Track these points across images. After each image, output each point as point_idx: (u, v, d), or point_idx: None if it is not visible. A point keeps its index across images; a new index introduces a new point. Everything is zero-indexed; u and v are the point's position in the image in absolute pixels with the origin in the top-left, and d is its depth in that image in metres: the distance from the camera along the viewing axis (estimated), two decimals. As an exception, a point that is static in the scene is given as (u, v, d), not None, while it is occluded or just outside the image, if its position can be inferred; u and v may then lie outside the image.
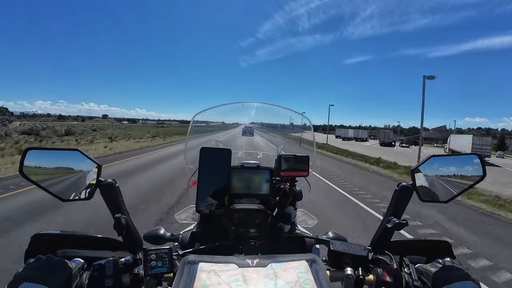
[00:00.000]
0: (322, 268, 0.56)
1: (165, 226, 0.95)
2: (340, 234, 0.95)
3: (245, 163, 0.96)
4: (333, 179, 10.03)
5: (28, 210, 4.80)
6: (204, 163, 0.83)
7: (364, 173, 13.06)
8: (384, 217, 0.74)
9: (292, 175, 0.86)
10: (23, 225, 4.16)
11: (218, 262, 0.56)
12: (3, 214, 4.59)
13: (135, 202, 5.31)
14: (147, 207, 5.19)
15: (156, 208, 5.17)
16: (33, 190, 5.66)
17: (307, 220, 1.22)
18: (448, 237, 4.69)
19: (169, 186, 6.86)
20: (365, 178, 11.44)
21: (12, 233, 3.81)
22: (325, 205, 6.26)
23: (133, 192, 6.13)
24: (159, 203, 5.52)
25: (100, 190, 0.66)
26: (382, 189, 8.68)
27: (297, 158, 0.85)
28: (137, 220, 0.90)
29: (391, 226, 0.70)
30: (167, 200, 5.71)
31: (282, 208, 0.90)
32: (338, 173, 11.96)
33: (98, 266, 0.66)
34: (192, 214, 1.23)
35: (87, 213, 4.46)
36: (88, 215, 4.41)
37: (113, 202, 0.67)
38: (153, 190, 6.53)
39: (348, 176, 11.34)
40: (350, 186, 8.87)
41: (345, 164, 16.79)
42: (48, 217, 4.53)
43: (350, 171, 13.15)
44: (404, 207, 0.73)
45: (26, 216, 4.51)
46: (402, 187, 0.72)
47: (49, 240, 0.73)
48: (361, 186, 8.98)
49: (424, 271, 0.65)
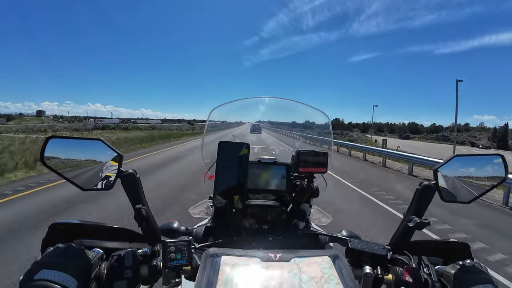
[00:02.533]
0: (346, 264, 0.55)
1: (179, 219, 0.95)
2: (355, 233, 0.95)
3: (261, 158, 0.95)
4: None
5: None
6: (222, 157, 0.83)
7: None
8: (405, 216, 0.73)
9: (310, 171, 0.85)
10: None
11: (241, 256, 0.55)
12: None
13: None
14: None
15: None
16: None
17: (320, 218, 1.21)
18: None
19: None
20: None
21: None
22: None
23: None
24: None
25: (121, 180, 0.66)
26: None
27: (316, 154, 0.85)
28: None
29: (412, 225, 0.69)
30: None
31: (297, 205, 0.90)
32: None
33: (117, 256, 0.66)
34: (206, 209, 1.23)
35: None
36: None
37: (134, 193, 0.67)
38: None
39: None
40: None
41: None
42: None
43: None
44: (425, 206, 0.71)
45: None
46: (425, 186, 0.71)
47: (67, 229, 0.73)
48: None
49: (443, 272, 0.64)
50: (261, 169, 0.91)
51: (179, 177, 7.38)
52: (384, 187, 7.60)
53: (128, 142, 17.22)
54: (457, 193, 0.73)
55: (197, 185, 6.10)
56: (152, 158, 11.55)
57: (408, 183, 8.37)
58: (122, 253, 0.67)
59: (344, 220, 4.78)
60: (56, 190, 5.90)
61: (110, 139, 12.34)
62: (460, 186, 0.73)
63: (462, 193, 0.73)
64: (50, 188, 6.08)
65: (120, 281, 0.59)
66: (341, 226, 4.52)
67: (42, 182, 6.51)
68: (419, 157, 10.98)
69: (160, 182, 6.78)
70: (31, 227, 3.87)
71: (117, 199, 4.93)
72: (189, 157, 11.60)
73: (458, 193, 0.73)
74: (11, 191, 5.78)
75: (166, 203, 5.08)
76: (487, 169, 0.74)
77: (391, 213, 5.44)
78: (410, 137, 75.26)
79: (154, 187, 6.16)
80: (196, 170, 7.91)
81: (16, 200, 5.22)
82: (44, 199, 5.24)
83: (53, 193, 5.64)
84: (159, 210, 4.62)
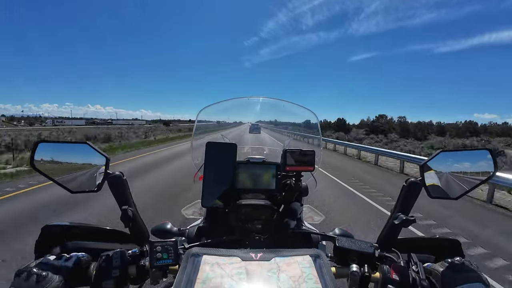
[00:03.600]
0: (326, 263, 0.55)
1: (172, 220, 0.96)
2: (347, 231, 0.94)
3: (250, 158, 0.96)
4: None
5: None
6: (210, 158, 0.84)
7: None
8: (392, 214, 0.73)
9: (297, 170, 0.85)
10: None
11: (222, 255, 0.56)
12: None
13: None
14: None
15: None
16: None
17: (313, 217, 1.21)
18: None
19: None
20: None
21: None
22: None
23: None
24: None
25: (108, 182, 0.68)
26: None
27: (302, 152, 0.85)
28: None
29: (398, 222, 0.69)
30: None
31: (288, 204, 0.90)
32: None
33: (105, 256, 0.67)
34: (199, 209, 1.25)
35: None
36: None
37: (121, 194, 0.68)
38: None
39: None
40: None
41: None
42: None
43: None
44: (412, 203, 0.71)
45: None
46: (411, 182, 0.71)
47: (59, 231, 0.76)
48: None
49: (432, 270, 0.64)
50: (250, 168, 0.91)
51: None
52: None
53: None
54: (445, 189, 0.73)
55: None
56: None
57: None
58: (111, 253, 0.68)
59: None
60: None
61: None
62: (447, 182, 0.73)
63: (450, 189, 0.73)
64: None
65: (108, 281, 0.61)
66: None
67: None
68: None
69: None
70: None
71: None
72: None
73: (446, 189, 0.73)
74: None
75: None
76: (475, 164, 0.73)
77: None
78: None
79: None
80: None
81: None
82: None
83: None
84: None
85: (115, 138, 22.22)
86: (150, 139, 24.43)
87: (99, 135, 22.07)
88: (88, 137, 21.43)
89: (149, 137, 25.73)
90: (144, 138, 24.65)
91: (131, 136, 24.88)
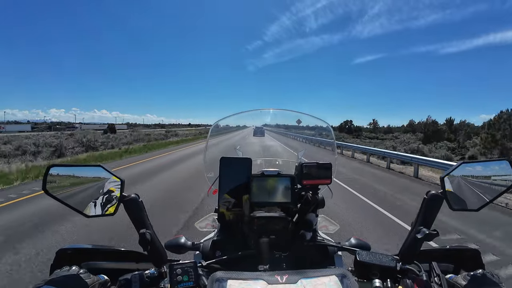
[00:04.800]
0: (354, 283, 0.54)
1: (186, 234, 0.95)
2: (363, 241, 0.94)
3: (265, 170, 0.94)
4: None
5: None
6: (224, 173, 0.83)
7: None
8: (413, 227, 0.72)
9: (314, 184, 0.84)
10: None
11: (247, 279, 0.55)
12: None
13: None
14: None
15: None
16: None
17: (328, 226, 1.20)
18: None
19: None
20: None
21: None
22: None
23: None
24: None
25: (124, 205, 0.66)
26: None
27: (319, 166, 0.83)
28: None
29: (421, 236, 0.68)
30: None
31: (303, 215, 0.89)
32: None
33: (124, 281, 0.66)
34: (212, 222, 1.23)
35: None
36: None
37: (137, 217, 0.67)
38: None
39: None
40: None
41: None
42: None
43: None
44: (434, 216, 0.70)
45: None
46: (432, 195, 0.70)
47: (74, 254, 0.74)
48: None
49: (455, 284, 0.63)
50: (265, 181, 0.90)
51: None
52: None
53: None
54: (466, 200, 0.72)
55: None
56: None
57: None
58: (129, 277, 0.67)
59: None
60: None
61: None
62: (468, 194, 0.72)
63: (471, 201, 0.72)
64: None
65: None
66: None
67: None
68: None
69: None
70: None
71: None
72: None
73: (467, 201, 0.72)
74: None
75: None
76: (495, 175, 0.72)
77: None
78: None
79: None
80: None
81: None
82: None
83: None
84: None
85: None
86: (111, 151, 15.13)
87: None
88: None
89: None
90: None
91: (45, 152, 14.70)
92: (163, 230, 3.72)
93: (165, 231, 3.76)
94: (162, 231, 3.59)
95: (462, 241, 3.94)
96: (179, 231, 3.61)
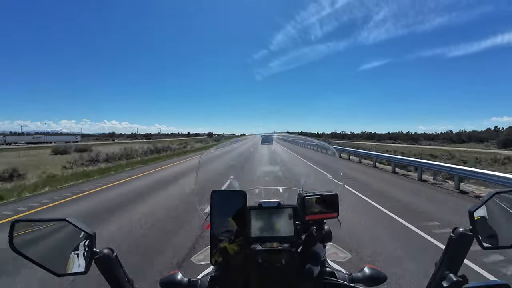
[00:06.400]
0: None
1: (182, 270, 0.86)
2: (379, 270, 0.83)
3: (263, 202, 0.85)
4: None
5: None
6: (216, 207, 0.74)
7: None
8: (437, 269, 0.61)
9: (319, 218, 0.74)
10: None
11: None
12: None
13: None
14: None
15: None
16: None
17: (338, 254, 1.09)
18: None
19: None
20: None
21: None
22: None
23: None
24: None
25: (95, 263, 0.57)
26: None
27: (323, 198, 0.74)
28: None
29: (447, 285, 0.57)
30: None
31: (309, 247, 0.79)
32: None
33: None
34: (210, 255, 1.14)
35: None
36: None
37: (112, 275, 0.58)
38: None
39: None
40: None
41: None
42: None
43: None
44: (462, 258, 0.59)
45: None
46: (460, 234, 0.59)
47: None
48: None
49: None
50: (263, 214, 0.81)
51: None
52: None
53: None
54: (498, 236, 0.61)
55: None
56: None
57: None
58: None
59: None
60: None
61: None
62: (501, 228, 0.61)
63: (504, 236, 0.61)
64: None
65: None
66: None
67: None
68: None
69: None
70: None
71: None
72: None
73: (499, 237, 0.61)
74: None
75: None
76: None
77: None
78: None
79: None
80: None
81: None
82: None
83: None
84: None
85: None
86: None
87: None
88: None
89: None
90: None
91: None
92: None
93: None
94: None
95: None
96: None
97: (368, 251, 3.66)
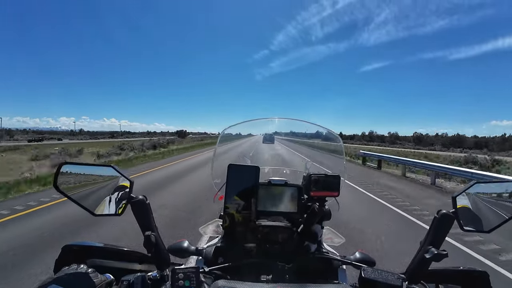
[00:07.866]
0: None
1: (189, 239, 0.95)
2: (369, 255, 0.92)
3: (272, 179, 0.94)
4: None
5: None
6: (231, 180, 0.83)
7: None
8: (422, 246, 0.70)
9: (322, 195, 0.83)
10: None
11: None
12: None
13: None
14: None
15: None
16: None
17: (333, 238, 1.18)
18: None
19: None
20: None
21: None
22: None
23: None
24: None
25: (131, 206, 0.66)
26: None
27: (327, 177, 0.82)
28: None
29: (429, 257, 0.66)
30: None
31: (309, 226, 0.88)
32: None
33: (126, 282, 0.66)
34: (216, 227, 1.23)
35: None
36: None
37: (144, 219, 0.67)
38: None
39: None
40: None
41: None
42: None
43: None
44: (444, 236, 0.68)
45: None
46: (443, 214, 0.68)
47: (80, 251, 0.75)
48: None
49: None
50: (271, 190, 0.89)
51: None
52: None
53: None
54: (477, 221, 0.70)
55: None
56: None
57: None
58: (132, 279, 0.67)
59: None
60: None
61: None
62: (480, 214, 0.70)
63: (483, 221, 0.70)
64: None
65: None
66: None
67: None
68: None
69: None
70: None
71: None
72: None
73: (478, 221, 0.70)
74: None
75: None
76: (510, 194, 0.70)
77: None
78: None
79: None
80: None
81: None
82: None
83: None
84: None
85: None
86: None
87: None
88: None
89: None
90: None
91: None
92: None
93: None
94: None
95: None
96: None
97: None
